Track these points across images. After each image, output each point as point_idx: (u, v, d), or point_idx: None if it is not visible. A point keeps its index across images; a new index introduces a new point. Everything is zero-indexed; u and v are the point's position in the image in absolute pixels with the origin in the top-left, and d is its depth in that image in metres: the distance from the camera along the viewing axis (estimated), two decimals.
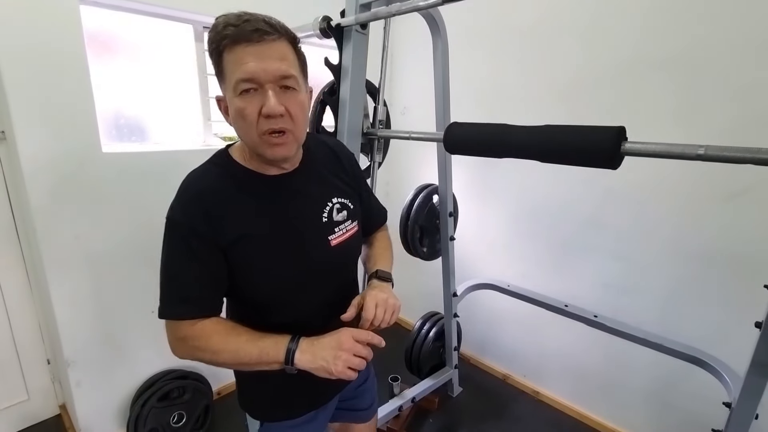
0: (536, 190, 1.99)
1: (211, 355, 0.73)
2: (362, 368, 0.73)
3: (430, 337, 2.06)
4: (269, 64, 0.65)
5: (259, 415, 0.91)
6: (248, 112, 0.66)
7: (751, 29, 1.34)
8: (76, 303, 1.58)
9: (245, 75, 0.65)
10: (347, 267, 0.90)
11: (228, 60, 0.66)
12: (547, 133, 0.92)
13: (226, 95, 0.70)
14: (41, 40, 1.36)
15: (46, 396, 1.88)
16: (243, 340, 0.72)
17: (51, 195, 1.46)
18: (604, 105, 1.71)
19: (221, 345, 0.72)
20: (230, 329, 0.74)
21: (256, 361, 0.72)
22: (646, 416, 1.81)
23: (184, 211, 0.72)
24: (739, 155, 0.68)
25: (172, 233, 0.73)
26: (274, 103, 0.66)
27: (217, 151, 0.81)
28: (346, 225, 0.85)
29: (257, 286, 0.76)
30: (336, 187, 0.86)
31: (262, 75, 0.65)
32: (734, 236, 1.46)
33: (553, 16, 1.79)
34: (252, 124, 0.67)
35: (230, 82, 0.66)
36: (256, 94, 0.66)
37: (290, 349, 0.71)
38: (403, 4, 1.11)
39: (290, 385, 0.86)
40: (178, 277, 0.72)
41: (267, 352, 0.72)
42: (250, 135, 0.69)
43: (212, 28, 0.67)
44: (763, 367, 1.02)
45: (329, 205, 0.83)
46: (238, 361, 0.73)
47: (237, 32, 0.64)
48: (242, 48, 0.65)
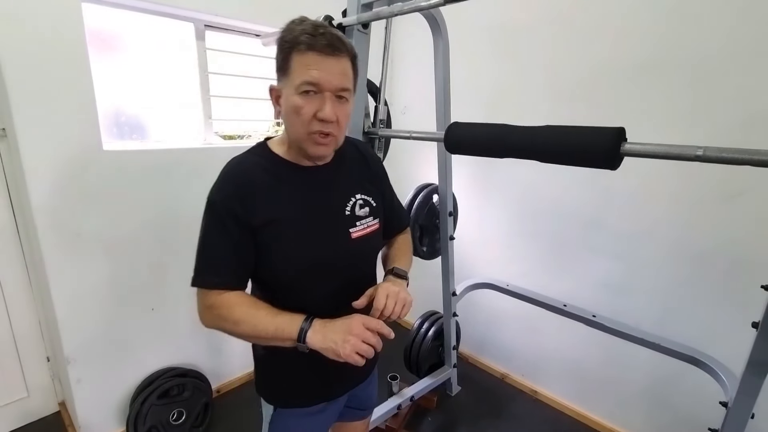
0: (536, 190, 2.00)
1: (232, 325, 0.79)
2: (370, 356, 0.75)
3: (429, 336, 2.06)
4: (333, 76, 0.74)
5: (274, 400, 0.95)
6: (304, 111, 0.75)
7: (749, 31, 1.35)
8: (76, 300, 1.58)
9: (311, 79, 0.73)
10: (366, 261, 0.95)
11: (297, 61, 0.74)
12: (547, 133, 0.92)
13: (284, 89, 0.77)
14: (43, 38, 1.36)
15: (45, 393, 1.88)
16: (262, 315, 0.78)
17: (52, 192, 1.46)
18: (605, 105, 1.71)
19: (242, 316, 0.78)
20: (252, 303, 0.80)
21: (271, 336, 0.77)
22: (643, 415, 1.82)
23: (223, 193, 0.80)
24: (737, 156, 0.69)
25: (210, 212, 0.80)
26: (329, 110, 0.75)
27: (256, 143, 0.89)
28: (367, 221, 0.90)
29: (280, 267, 0.82)
30: (360, 184, 0.92)
31: (325, 84, 0.74)
32: (732, 237, 1.47)
33: (554, 17, 1.80)
34: (305, 121, 0.76)
35: (294, 81, 0.74)
36: (315, 97, 0.75)
37: (303, 328, 0.76)
38: (404, 4, 1.12)
39: (307, 375, 0.91)
40: (211, 252, 0.80)
41: (282, 328, 0.77)
42: (299, 130, 0.77)
43: (288, 30, 0.75)
44: (760, 366, 1.03)
45: (353, 199, 0.89)
46: (255, 333, 0.78)
47: (312, 41, 0.72)
48: (313, 55, 0.73)
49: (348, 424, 1.13)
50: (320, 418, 0.98)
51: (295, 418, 0.95)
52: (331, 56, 0.74)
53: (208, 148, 1.90)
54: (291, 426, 0.96)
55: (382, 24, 1.44)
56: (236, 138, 2.15)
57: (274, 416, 0.95)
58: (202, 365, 1.99)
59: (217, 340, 2.07)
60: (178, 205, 1.79)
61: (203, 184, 2.05)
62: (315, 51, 0.73)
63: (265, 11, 1.91)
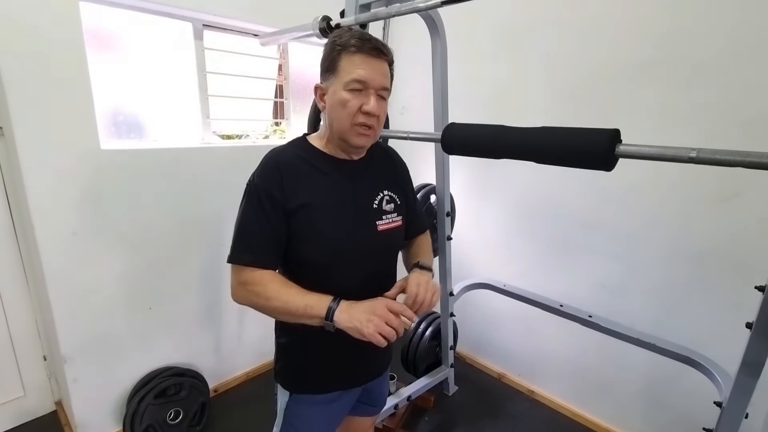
0: (533, 190, 2.01)
1: (265, 301, 0.84)
2: (392, 337, 0.80)
3: (426, 336, 2.07)
4: (377, 76, 0.85)
5: (292, 386, 1.00)
6: (351, 105, 0.84)
7: (747, 33, 1.36)
8: (73, 299, 1.58)
9: (359, 77, 0.83)
10: (388, 254, 1.00)
11: (346, 61, 0.83)
12: (543, 134, 0.93)
13: (331, 86, 0.86)
14: (40, 37, 1.36)
15: (42, 392, 1.88)
16: (293, 293, 0.84)
17: (49, 191, 1.46)
18: (603, 106, 1.72)
19: (275, 293, 0.84)
20: (284, 282, 0.87)
21: (301, 313, 0.83)
22: (639, 415, 1.82)
23: (264, 177, 0.86)
24: (730, 158, 0.70)
25: (250, 195, 0.87)
26: (374, 104, 0.84)
27: (295, 137, 0.97)
28: (392, 216, 0.97)
29: (311, 250, 0.88)
30: (387, 182, 1.00)
31: (370, 82, 0.84)
32: (727, 238, 1.48)
33: (552, 18, 1.81)
34: (350, 113, 0.84)
35: (343, 78, 0.83)
36: (360, 94, 0.84)
37: (331, 307, 0.82)
38: (402, 5, 1.12)
39: (329, 363, 0.97)
40: (249, 231, 0.86)
41: (312, 306, 0.82)
42: (344, 122, 0.85)
43: (337, 35, 0.86)
44: (753, 367, 1.04)
45: (380, 194, 0.96)
46: (285, 309, 0.83)
47: (361, 45, 0.83)
48: (361, 57, 0.83)
49: (357, 418, 1.16)
50: (334, 408, 1.02)
51: (310, 405, 0.99)
52: (377, 59, 0.84)
53: (206, 147, 1.90)
54: (305, 413, 1.00)
55: (381, 25, 1.45)
56: (234, 138, 2.15)
57: (290, 403, 0.99)
58: (200, 365, 1.99)
59: (216, 339, 2.07)
60: (176, 204, 1.79)
61: (201, 183, 2.07)
62: (363, 53, 0.83)
63: (264, 11, 1.91)
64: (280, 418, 1.02)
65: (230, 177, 1.92)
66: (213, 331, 2.05)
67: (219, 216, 1.93)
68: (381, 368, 1.10)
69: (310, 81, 2.28)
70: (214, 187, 1.89)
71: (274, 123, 2.30)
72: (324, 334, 0.94)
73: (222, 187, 1.90)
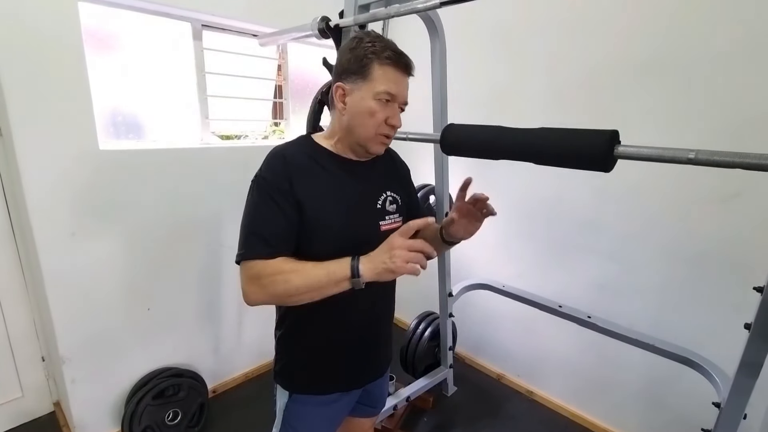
0: (532, 191, 2.01)
1: (284, 284, 0.81)
2: (423, 263, 0.78)
3: (425, 336, 2.07)
4: (404, 91, 0.89)
5: (292, 386, 0.99)
6: (379, 116, 0.86)
7: (745, 34, 1.36)
8: (71, 300, 1.58)
9: (391, 90, 0.85)
10: None
11: (379, 71, 0.85)
12: (542, 135, 0.93)
13: (358, 91, 0.86)
14: (39, 37, 1.35)
15: (40, 393, 1.88)
16: (310, 266, 0.82)
17: (47, 192, 1.46)
18: (600, 108, 1.72)
19: (293, 272, 0.81)
20: (297, 261, 0.85)
21: (325, 282, 0.81)
22: (637, 416, 1.83)
23: (272, 171, 0.86)
24: (728, 160, 0.70)
25: (259, 190, 0.86)
26: (399, 119, 0.89)
27: (299, 136, 0.97)
28: (394, 217, 0.98)
29: (314, 246, 0.87)
30: (390, 183, 1.01)
31: (399, 97, 0.87)
32: (725, 239, 1.48)
33: (552, 19, 1.81)
34: (376, 124, 0.87)
35: (374, 87, 0.85)
36: (387, 105, 0.87)
37: (353, 265, 0.80)
38: (401, 6, 1.12)
39: (331, 364, 0.97)
40: (259, 225, 0.85)
41: (334, 271, 0.80)
42: (369, 130, 0.87)
43: (372, 41, 0.86)
44: (752, 367, 1.04)
45: (383, 195, 0.97)
46: (309, 284, 0.81)
47: (395, 58, 0.85)
48: (394, 70, 0.86)
49: (357, 419, 1.16)
50: (334, 409, 1.02)
51: (310, 406, 0.99)
52: (407, 75, 0.88)
53: (205, 148, 1.90)
54: (305, 414, 0.99)
55: (379, 25, 1.45)
56: (233, 138, 2.14)
57: (289, 404, 0.99)
58: (198, 365, 1.99)
59: (214, 340, 2.07)
60: (174, 205, 1.79)
61: (200, 183, 2.06)
62: (398, 68, 0.85)
63: (263, 11, 1.91)
64: (279, 419, 1.02)
65: (229, 177, 1.92)
66: (212, 331, 2.05)
67: (218, 216, 1.93)
68: (382, 369, 1.09)
69: (309, 81, 2.27)
70: (213, 187, 1.89)
71: (273, 123, 2.30)
72: (326, 334, 0.93)
73: (221, 187, 1.90)
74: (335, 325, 0.94)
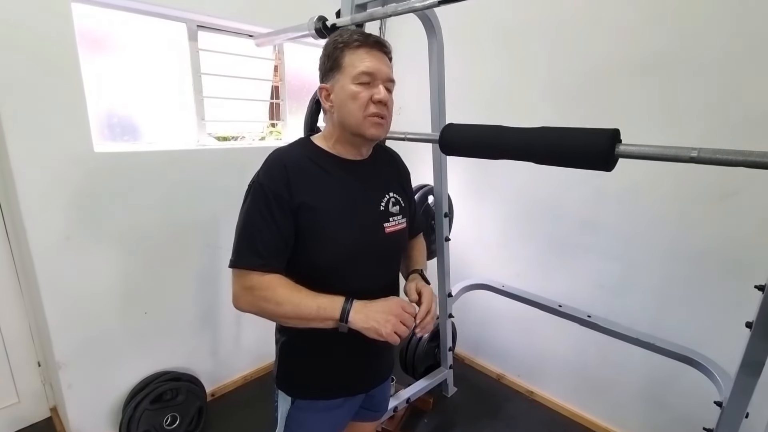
0: (531, 190, 2.01)
1: (275, 306, 0.81)
2: (405, 336, 0.80)
3: (425, 337, 2.06)
4: (383, 67, 0.86)
5: (295, 392, 0.98)
6: (361, 96, 0.84)
7: (746, 33, 1.36)
8: (67, 304, 1.56)
9: (367, 69, 0.83)
10: (395, 256, 1.01)
11: (351, 56, 0.84)
12: (542, 135, 0.92)
13: (338, 83, 0.86)
14: (32, 38, 1.34)
15: (36, 399, 1.86)
16: (303, 295, 0.82)
17: (41, 195, 1.44)
18: (601, 107, 1.72)
19: (285, 297, 0.81)
20: (293, 285, 0.84)
21: (314, 316, 0.80)
22: (638, 415, 1.82)
23: (269, 177, 0.84)
24: (731, 158, 0.69)
25: (255, 196, 0.84)
26: (384, 93, 0.85)
27: (299, 138, 0.96)
28: (397, 218, 0.96)
29: (319, 252, 0.86)
30: (392, 184, 1.00)
31: (377, 73, 0.85)
32: (726, 237, 1.48)
33: (550, 18, 1.80)
34: (362, 106, 0.84)
35: (350, 73, 0.84)
36: (369, 86, 0.85)
37: (345, 308, 0.80)
38: (398, 5, 1.11)
39: (334, 368, 0.96)
40: (254, 233, 0.83)
41: (324, 308, 0.80)
42: (357, 114, 0.85)
43: (338, 35, 0.87)
44: (754, 366, 1.03)
45: (387, 196, 0.95)
46: (297, 313, 0.81)
47: (363, 39, 0.85)
48: (365, 51, 0.84)
49: (359, 424, 1.15)
50: (337, 414, 1.00)
51: (313, 411, 0.97)
52: (380, 51, 0.86)
53: (202, 149, 1.88)
54: (308, 419, 0.98)
55: (377, 25, 1.44)
56: (230, 139, 2.13)
57: (292, 410, 0.97)
58: (197, 369, 1.97)
59: (212, 343, 2.06)
60: (171, 207, 1.77)
61: (196, 185, 2.05)
62: (367, 46, 0.84)
63: (259, 12, 1.89)
64: (282, 425, 0.99)
65: (226, 179, 1.91)
66: (210, 334, 2.04)
67: (215, 218, 1.91)
68: (385, 373, 1.09)
69: (306, 82, 2.26)
70: (210, 189, 1.87)
71: (270, 124, 2.29)
72: (328, 339, 0.92)
73: (218, 189, 1.89)
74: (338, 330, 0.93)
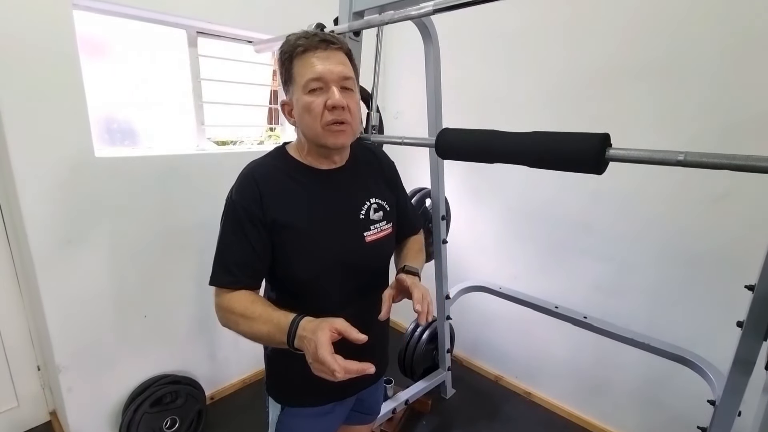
0: (527, 193, 2.03)
1: (235, 326, 0.80)
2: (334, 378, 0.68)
3: (423, 339, 2.07)
4: (333, 66, 0.79)
5: (284, 399, 0.96)
6: (315, 105, 0.79)
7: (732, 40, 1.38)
8: (67, 308, 1.57)
9: (315, 75, 0.78)
10: (379, 265, 0.95)
11: (299, 65, 0.80)
12: (535, 139, 0.94)
13: (293, 96, 0.82)
14: (34, 45, 1.35)
15: (36, 402, 1.86)
16: (257, 317, 0.77)
17: (42, 199, 1.45)
18: (592, 111, 1.75)
19: (241, 318, 0.78)
20: (249, 304, 0.79)
21: (267, 339, 0.77)
22: (635, 415, 1.84)
23: (242, 194, 0.82)
24: (717, 161, 0.71)
25: (228, 213, 0.83)
26: (338, 96, 0.78)
27: (275, 147, 0.93)
28: (381, 225, 0.92)
29: (296, 268, 0.84)
30: (375, 188, 0.95)
31: (328, 75, 0.78)
32: (718, 238, 1.50)
33: (544, 25, 1.83)
34: (318, 115, 0.79)
35: (300, 83, 0.79)
36: (322, 92, 0.79)
37: (290, 338, 0.73)
38: (396, 13, 1.13)
39: (317, 376, 0.89)
40: (227, 251, 0.82)
41: (273, 334, 0.75)
42: (315, 126, 0.80)
43: (285, 43, 0.81)
44: (745, 365, 1.05)
45: (367, 203, 0.91)
46: (253, 334, 0.78)
47: (308, 43, 0.79)
48: (312, 54, 0.79)
49: (353, 427, 1.14)
50: (328, 420, 1.00)
51: (304, 418, 0.96)
52: (327, 50, 0.79)
53: (201, 154, 1.90)
54: (299, 426, 0.97)
55: (374, 31, 1.46)
56: (229, 144, 2.15)
57: (282, 417, 0.96)
58: (196, 372, 1.98)
59: (211, 346, 2.06)
60: (170, 211, 1.78)
61: (196, 189, 2.06)
62: (312, 49, 0.79)
63: (258, 18, 1.92)
64: (273, 431, 0.99)
65: (225, 183, 1.90)
66: (209, 338, 2.04)
67: (214, 222, 1.88)
68: (377, 375, 1.06)
69: None
70: (209, 193, 1.89)
71: (268, 129, 2.31)
72: None
73: (217, 193, 1.87)
74: None
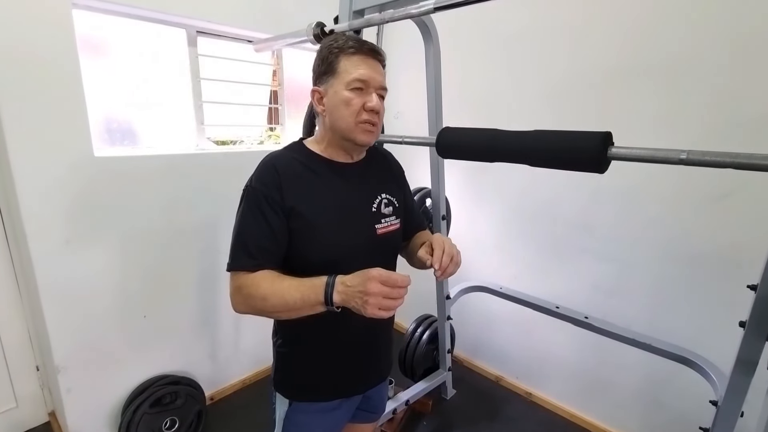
0: (529, 193, 2.02)
1: (261, 302, 0.81)
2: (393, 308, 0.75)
3: (423, 339, 2.07)
4: (377, 76, 0.88)
5: (292, 395, 0.98)
6: (355, 103, 0.85)
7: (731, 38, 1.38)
8: (66, 308, 1.56)
9: (361, 77, 0.85)
10: (387, 257, 0.99)
11: (346, 63, 0.86)
12: (536, 138, 0.94)
13: (330, 87, 0.87)
14: (33, 44, 1.35)
15: (35, 403, 1.85)
16: (287, 285, 0.81)
17: (42, 199, 1.45)
18: (594, 110, 1.74)
19: (270, 290, 0.81)
20: (276, 277, 0.83)
21: (300, 305, 0.79)
22: (636, 415, 1.83)
23: (262, 180, 0.86)
24: (719, 160, 0.71)
25: (247, 199, 0.86)
26: (377, 101, 0.87)
27: (292, 142, 0.97)
28: (390, 219, 0.97)
29: (311, 253, 0.87)
30: (385, 185, 1.00)
31: (372, 81, 0.86)
32: (720, 237, 1.50)
33: (542, 24, 1.83)
34: (354, 112, 0.86)
35: (345, 79, 0.85)
36: (362, 93, 0.86)
37: (327, 292, 0.77)
38: (396, 11, 1.13)
39: (331, 371, 0.96)
40: (245, 235, 0.85)
41: (308, 295, 0.78)
42: (349, 120, 0.86)
43: (334, 39, 0.88)
44: (747, 365, 1.05)
45: (379, 198, 0.96)
46: (284, 304, 0.80)
47: (359, 46, 0.86)
48: (360, 58, 0.86)
49: (357, 425, 1.15)
50: (335, 416, 1.01)
51: (311, 414, 0.98)
52: (374, 59, 0.88)
53: (201, 153, 1.90)
54: (306, 422, 0.98)
55: (374, 30, 1.46)
56: (229, 143, 2.14)
57: (289, 413, 0.98)
58: (196, 372, 1.97)
59: (211, 347, 2.06)
60: (170, 210, 1.78)
61: (196, 189, 2.06)
62: (362, 54, 0.86)
63: (258, 18, 1.91)
64: (279, 428, 1.00)
65: (225, 183, 1.92)
66: (209, 338, 2.04)
67: (214, 222, 1.92)
68: (383, 374, 1.09)
69: (304, 86, 2.28)
70: (209, 193, 1.88)
71: (268, 129, 2.30)
72: (324, 341, 0.92)
73: (217, 193, 1.90)
74: (334, 332, 0.93)
